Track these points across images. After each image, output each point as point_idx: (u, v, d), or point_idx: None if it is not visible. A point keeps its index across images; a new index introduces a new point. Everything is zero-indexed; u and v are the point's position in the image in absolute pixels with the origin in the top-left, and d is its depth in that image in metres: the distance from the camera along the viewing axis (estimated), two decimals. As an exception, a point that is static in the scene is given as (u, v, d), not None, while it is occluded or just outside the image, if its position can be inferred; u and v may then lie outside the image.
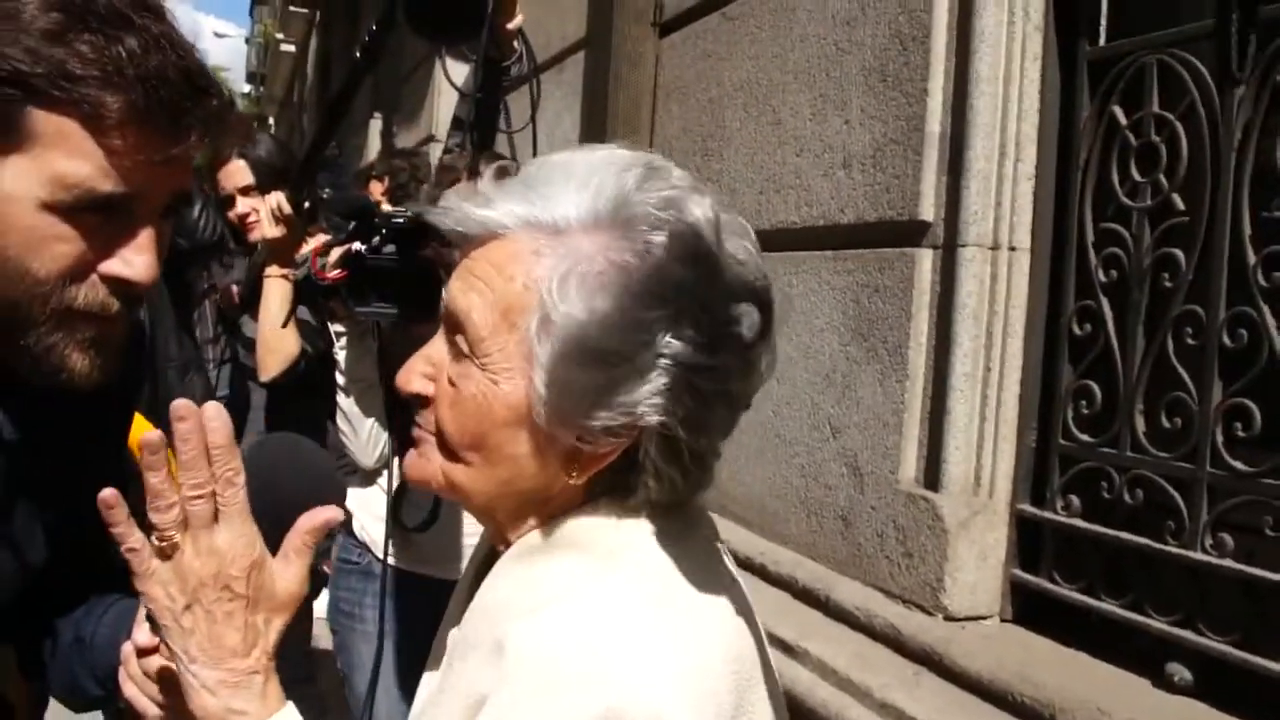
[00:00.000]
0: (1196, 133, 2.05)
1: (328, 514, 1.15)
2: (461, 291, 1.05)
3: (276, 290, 3.03)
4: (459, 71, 2.82)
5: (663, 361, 0.98)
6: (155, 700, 1.25)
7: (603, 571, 1.03)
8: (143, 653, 1.24)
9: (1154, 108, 2.14)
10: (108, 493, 1.07)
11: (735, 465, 3.13)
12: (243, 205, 3.67)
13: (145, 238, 1.20)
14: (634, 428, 1.00)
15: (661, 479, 1.04)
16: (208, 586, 1.08)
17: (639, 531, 1.06)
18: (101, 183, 1.13)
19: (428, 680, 1.22)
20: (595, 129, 4.38)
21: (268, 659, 1.11)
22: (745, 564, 2.91)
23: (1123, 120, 2.21)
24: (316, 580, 3.35)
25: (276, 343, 3.09)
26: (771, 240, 3.00)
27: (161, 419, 1.12)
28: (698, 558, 1.09)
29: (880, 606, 2.46)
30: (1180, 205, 2.09)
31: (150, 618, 1.13)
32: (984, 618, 2.35)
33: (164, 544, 1.08)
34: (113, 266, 1.19)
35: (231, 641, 1.08)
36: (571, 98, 4.92)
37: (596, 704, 0.90)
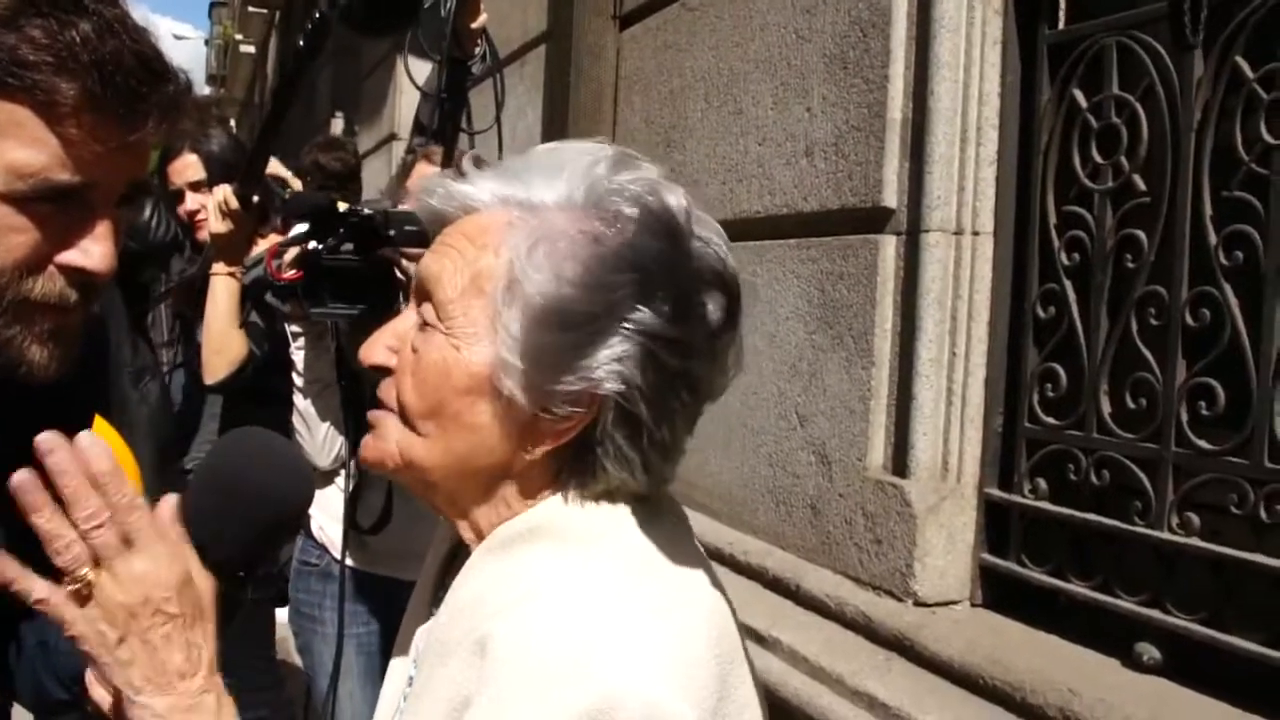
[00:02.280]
0: (1156, 114, 2.06)
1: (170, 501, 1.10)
2: (434, 259, 1.05)
3: (223, 288, 2.93)
4: (421, 69, 2.79)
5: (626, 326, 0.97)
6: None
7: (580, 561, 1.01)
8: None
9: (1114, 89, 2.15)
10: None
11: (703, 456, 3.12)
12: (192, 201, 3.56)
13: (103, 227, 1.17)
14: (593, 395, 0.99)
15: (622, 462, 1.03)
16: (139, 615, 1.03)
17: (613, 517, 1.06)
18: (57, 172, 1.10)
19: (394, 675, 1.20)
20: (557, 123, 4.36)
21: (214, 675, 1.07)
22: (715, 554, 2.90)
23: (1083, 103, 2.21)
24: (280, 585, 3.31)
25: (222, 343, 2.96)
26: (735, 230, 2.98)
27: (117, 425, 1.09)
28: (673, 541, 1.08)
29: (850, 594, 2.46)
30: (1141, 186, 2.09)
31: (81, 652, 1.08)
32: (954, 603, 2.35)
33: (78, 584, 1.03)
34: (70, 257, 1.16)
35: (176, 663, 1.04)
36: (534, 92, 4.90)
37: (587, 698, 0.89)
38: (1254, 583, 1.83)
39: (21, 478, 1.02)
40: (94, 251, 1.17)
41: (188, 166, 3.54)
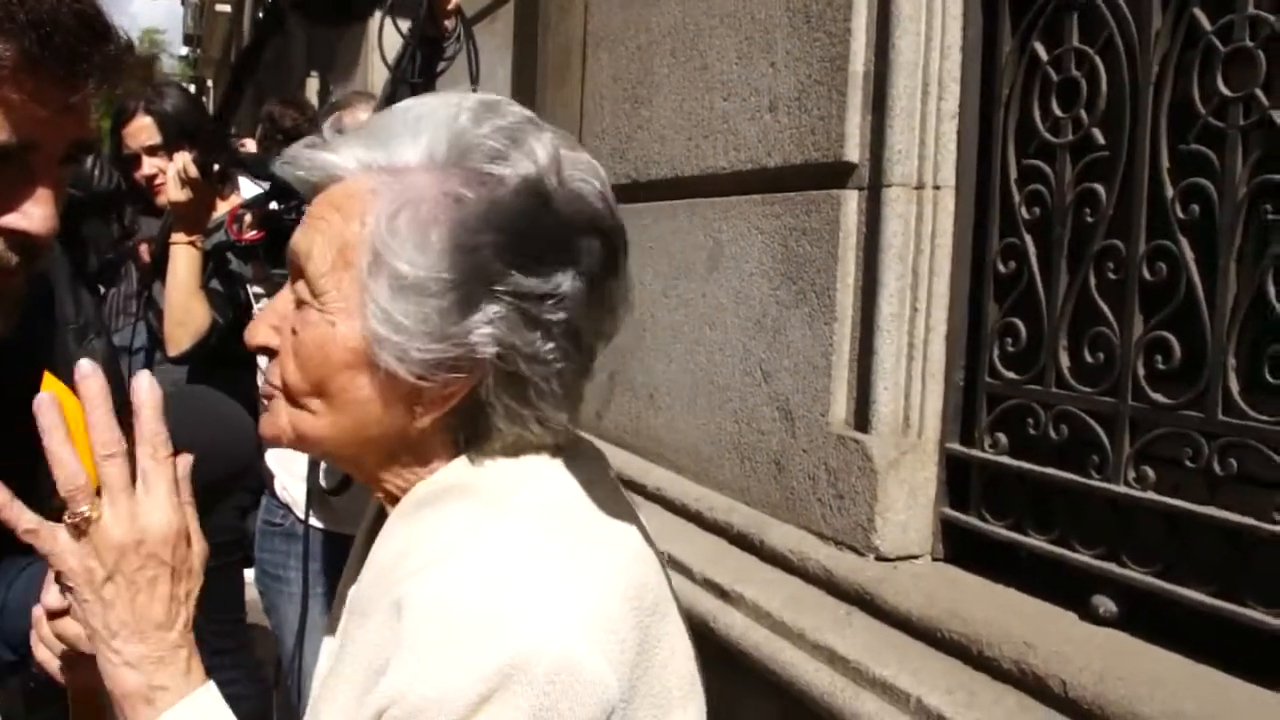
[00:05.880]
0: (1115, 67, 2.05)
1: (185, 461, 1.11)
2: (303, 234, 1.04)
3: (184, 259, 2.88)
4: (392, 44, 2.76)
5: (495, 288, 0.97)
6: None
7: (493, 518, 1.01)
8: (54, 615, 1.20)
9: (1074, 42, 2.13)
10: None
11: (670, 413, 3.12)
12: (149, 166, 3.51)
13: (44, 190, 1.16)
14: (470, 360, 0.98)
15: (515, 419, 1.03)
16: (130, 554, 1.03)
17: (524, 471, 1.05)
18: None
19: (328, 641, 1.21)
20: (526, 79, 4.32)
21: (189, 633, 1.08)
22: (681, 510, 2.91)
23: (1043, 56, 2.20)
24: (246, 549, 3.31)
25: (184, 315, 2.93)
26: (701, 186, 2.98)
27: (66, 382, 1.08)
28: (591, 493, 1.08)
29: (813, 549, 2.46)
30: (1101, 140, 2.08)
31: (64, 588, 1.08)
32: (915, 557, 2.36)
33: (75, 519, 1.03)
34: (10, 220, 1.15)
35: (156, 613, 1.04)
36: (503, 49, 4.86)
37: (500, 653, 0.89)
38: (1208, 535, 1.84)
39: (44, 397, 1.03)
40: (35, 214, 1.16)
41: (142, 129, 3.49)
